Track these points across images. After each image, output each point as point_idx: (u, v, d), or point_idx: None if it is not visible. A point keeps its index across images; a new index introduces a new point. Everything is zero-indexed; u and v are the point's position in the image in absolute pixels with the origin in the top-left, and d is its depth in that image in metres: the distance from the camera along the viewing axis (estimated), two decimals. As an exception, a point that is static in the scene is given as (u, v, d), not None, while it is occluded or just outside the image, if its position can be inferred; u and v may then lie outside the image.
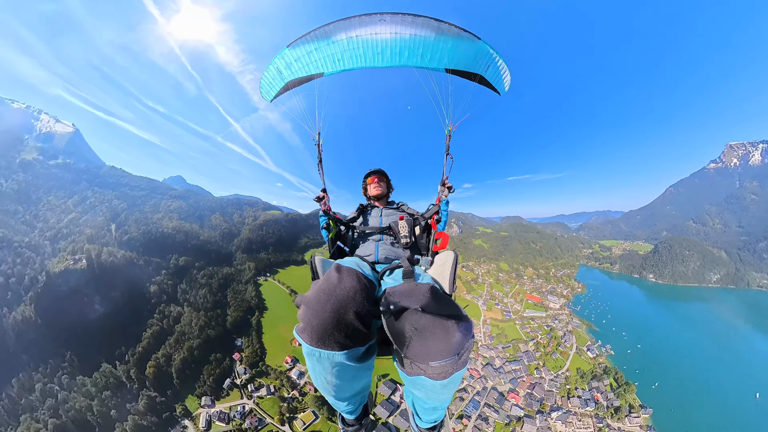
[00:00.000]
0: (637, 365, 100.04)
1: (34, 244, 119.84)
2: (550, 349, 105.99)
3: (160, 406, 74.10)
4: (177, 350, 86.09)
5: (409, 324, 1.77)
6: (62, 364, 78.17)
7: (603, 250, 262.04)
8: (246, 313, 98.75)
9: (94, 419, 68.28)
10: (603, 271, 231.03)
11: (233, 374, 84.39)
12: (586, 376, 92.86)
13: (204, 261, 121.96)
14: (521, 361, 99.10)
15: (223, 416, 74.12)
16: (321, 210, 3.72)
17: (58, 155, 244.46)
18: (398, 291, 1.99)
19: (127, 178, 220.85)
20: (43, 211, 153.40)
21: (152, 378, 79.02)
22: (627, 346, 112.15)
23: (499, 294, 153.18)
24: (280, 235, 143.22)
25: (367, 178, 4.35)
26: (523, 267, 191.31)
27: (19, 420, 65.15)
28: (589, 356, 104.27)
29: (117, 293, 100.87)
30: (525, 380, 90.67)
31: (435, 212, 3.53)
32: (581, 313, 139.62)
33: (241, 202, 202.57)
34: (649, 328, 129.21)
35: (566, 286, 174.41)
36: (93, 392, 72.50)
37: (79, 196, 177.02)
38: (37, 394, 70.31)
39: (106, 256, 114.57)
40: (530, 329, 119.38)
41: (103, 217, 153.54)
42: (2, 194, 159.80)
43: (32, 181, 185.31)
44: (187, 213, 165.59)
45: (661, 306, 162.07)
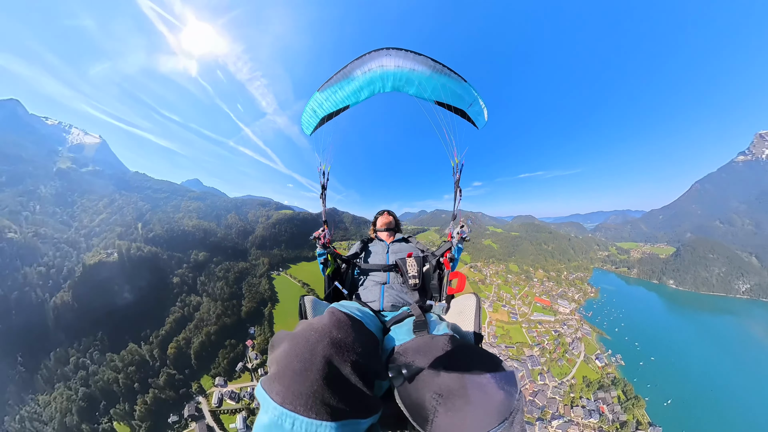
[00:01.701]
0: (648, 379, 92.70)
1: (71, 240, 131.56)
2: (557, 355, 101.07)
3: (178, 383, 79.86)
4: (196, 335, 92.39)
5: (430, 390, 1.22)
6: (94, 342, 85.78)
7: (620, 253, 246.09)
8: (259, 304, 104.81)
9: (119, 390, 74.87)
10: (619, 275, 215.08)
11: (245, 359, 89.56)
12: (593, 385, 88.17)
13: (221, 256, 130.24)
14: (525, 364, 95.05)
15: (233, 395, 79.14)
16: (318, 244, 3.34)
17: (89, 163, 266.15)
18: (410, 348, 1.51)
19: (150, 182, 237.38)
20: (78, 212, 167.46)
21: (173, 358, 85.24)
22: (639, 358, 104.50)
23: (507, 296, 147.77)
24: (292, 233, 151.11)
25: (379, 215, 4.14)
26: (533, 269, 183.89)
27: (54, 387, 73.18)
28: (597, 365, 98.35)
29: (144, 283, 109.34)
30: (527, 386, 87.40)
31: (447, 249, 3.07)
32: (592, 320, 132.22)
33: (255, 202, 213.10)
34: (665, 339, 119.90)
35: (578, 290, 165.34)
36: (120, 367, 79.25)
37: (109, 199, 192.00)
38: (71, 366, 77.95)
39: (134, 250, 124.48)
40: (537, 333, 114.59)
41: (130, 216, 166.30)
42: (42, 198, 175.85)
43: (67, 187, 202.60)
44: (204, 213, 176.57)
45: (681, 316, 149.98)
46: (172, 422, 71.55)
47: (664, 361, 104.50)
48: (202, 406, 77.06)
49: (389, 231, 3.96)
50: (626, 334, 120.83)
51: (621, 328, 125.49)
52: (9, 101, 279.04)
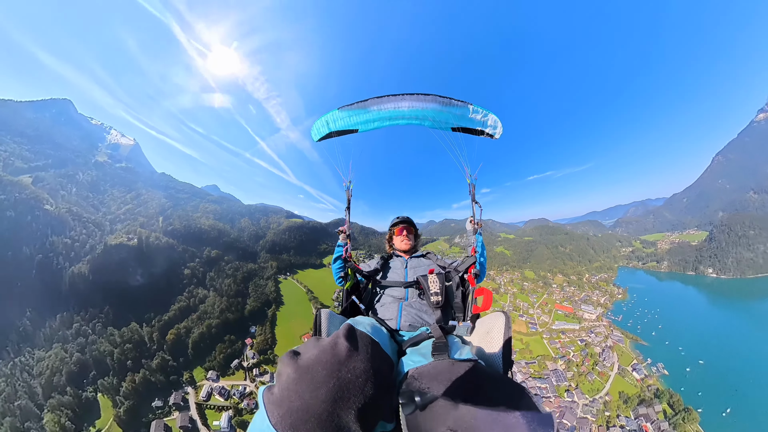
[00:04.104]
0: (699, 386, 79.24)
1: (98, 221, 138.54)
2: (586, 368, 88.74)
3: (171, 369, 78.08)
4: (197, 325, 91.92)
5: (443, 424, 1.07)
6: (99, 314, 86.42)
7: (646, 246, 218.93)
8: (264, 305, 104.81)
9: (111, 363, 74.21)
10: (648, 271, 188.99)
11: (242, 356, 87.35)
12: (632, 401, 76.87)
13: (232, 255, 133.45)
14: (548, 379, 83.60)
15: (224, 392, 76.16)
16: (342, 258, 3.26)
17: (122, 161, 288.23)
18: (426, 373, 1.34)
19: (174, 182, 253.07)
20: (107, 200, 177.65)
21: (170, 344, 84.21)
22: (685, 363, 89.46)
23: (524, 305, 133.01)
24: (301, 240, 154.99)
25: (394, 228, 3.81)
26: (551, 274, 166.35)
27: (52, 346, 73.92)
28: (635, 377, 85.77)
29: (156, 270, 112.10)
30: (552, 402, 76.60)
31: (472, 264, 2.88)
32: (623, 324, 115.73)
33: (267, 210, 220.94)
34: (713, 338, 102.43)
35: (603, 292, 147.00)
36: (117, 342, 78.97)
37: (135, 193, 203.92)
38: (73, 331, 78.73)
39: (153, 239, 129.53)
40: (560, 344, 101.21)
41: (153, 210, 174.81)
42: (79, 183, 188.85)
43: (102, 177, 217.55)
44: (220, 215, 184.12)
45: (728, 308, 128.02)
46: (155, 407, 68.96)
47: (716, 363, 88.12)
48: (189, 397, 74.13)
49: (408, 252, 3.69)
50: (666, 338, 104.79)
51: (659, 332, 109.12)
52: (63, 100, 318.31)
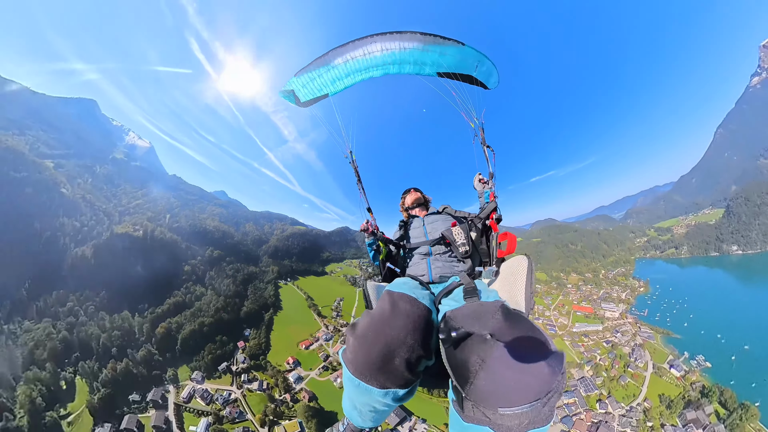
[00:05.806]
0: (751, 376, 70.40)
1: (108, 211, 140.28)
2: (617, 372, 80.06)
3: (155, 363, 74.09)
4: (190, 322, 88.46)
5: (474, 354, 1.41)
6: (94, 298, 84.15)
7: (661, 234, 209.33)
8: (261, 308, 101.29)
9: (96, 347, 71.40)
10: (668, 259, 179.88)
11: (232, 360, 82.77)
12: (676, 404, 67.18)
13: (234, 257, 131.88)
14: (576, 391, 73.76)
15: (206, 395, 71.31)
16: (367, 234, 3.38)
17: (137, 160, 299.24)
18: (460, 314, 1.72)
19: (184, 185, 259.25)
20: (120, 194, 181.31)
21: (159, 337, 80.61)
22: (729, 351, 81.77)
23: (539, 308, 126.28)
24: (304, 247, 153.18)
25: (406, 193, 4.03)
26: (564, 274, 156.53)
27: (42, 321, 71.97)
28: (674, 375, 77.22)
29: (158, 263, 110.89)
30: (584, 418, 67.55)
31: (493, 209, 2.97)
32: (650, 319, 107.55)
33: (272, 217, 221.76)
34: (753, 318, 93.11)
35: (623, 287, 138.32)
36: (107, 327, 76.31)
37: (147, 190, 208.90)
38: (66, 309, 76.65)
39: (158, 233, 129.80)
40: (584, 348, 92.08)
41: (162, 207, 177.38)
42: (96, 175, 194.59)
43: (117, 173, 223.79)
44: (226, 218, 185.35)
45: (763, 283, 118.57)
46: (132, 400, 64.68)
47: (764, 345, 79.15)
48: (169, 396, 69.44)
49: (420, 206, 3.87)
50: (700, 327, 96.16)
51: (690, 321, 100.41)
52: (90, 100, 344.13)
